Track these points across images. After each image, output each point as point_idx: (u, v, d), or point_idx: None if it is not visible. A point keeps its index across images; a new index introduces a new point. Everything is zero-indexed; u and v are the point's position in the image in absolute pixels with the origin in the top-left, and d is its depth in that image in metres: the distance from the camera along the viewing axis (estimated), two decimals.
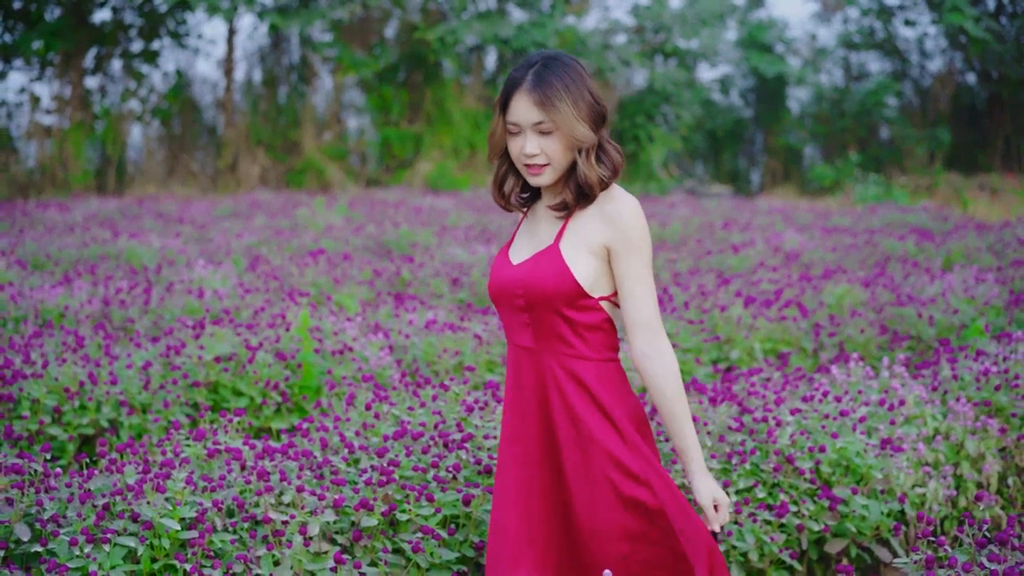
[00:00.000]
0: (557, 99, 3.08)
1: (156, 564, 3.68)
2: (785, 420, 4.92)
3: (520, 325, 3.21)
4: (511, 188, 3.33)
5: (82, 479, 3.97)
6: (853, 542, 4.80)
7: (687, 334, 7.63)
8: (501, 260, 3.32)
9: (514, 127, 3.15)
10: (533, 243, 3.26)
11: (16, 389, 5.48)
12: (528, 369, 3.22)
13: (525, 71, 3.14)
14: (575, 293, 3.11)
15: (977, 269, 10.14)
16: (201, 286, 8.69)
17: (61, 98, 23.88)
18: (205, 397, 6.04)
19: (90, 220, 15.17)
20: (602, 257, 3.13)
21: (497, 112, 3.20)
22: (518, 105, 3.12)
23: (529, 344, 3.20)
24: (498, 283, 3.26)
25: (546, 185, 3.20)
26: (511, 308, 3.22)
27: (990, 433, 5.43)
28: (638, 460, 3.13)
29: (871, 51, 29.59)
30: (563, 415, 3.17)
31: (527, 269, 3.17)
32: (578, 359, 3.15)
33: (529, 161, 3.14)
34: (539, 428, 3.21)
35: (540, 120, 3.09)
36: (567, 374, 3.16)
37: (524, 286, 3.15)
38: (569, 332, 3.14)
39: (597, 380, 3.16)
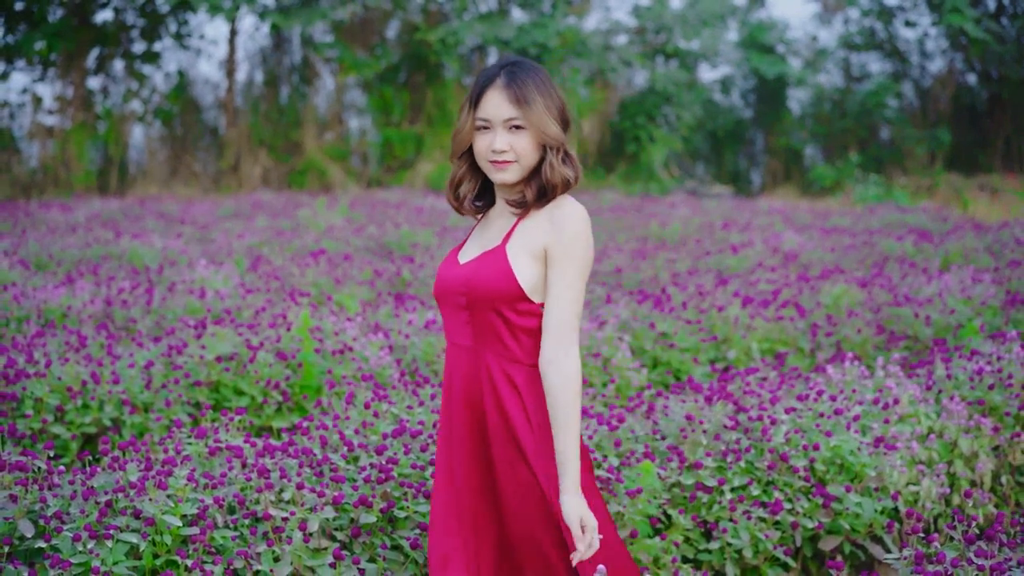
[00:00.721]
0: (531, 97, 3.12)
1: (158, 560, 3.74)
2: (780, 419, 4.97)
3: (460, 324, 3.20)
4: (467, 191, 3.32)
5: (85, 476, 4.03)
6: (847, 539, 4.85)
7: (685, 334, 7.69)
8: (449, 260, 3.32)
9: (484, 123, 3.15)
10: (482, 245, 3.26)
11: (20, 388, 5.54)
12: (465, 368, 3.21)
13: (498, 69, 3.17)
14: (516, 295, 3.11)
15: (974, 269, 10.19)
16: (203, 286, 8.75)
17: (63, 98, 23.95)
18: (207, 396, 6.09)
19: (92, 220, 15.23)
20: (543, 260, 3.13)
21: (467, 109, 3.19)
22: (491, 101, 3.14)
23: (468, 343, 3.20)
24: (443, 281, 3.26)
25: (510, 183, 3.18)
26: (453, 306, 3.22)
27: (983, 432, 5.48)
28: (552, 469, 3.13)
29: (872, 52, 29.63)
30: (496, 415, 3.17)
31: (472, 268, 3.17)
32: (513, 362, 3.16)
33: (497, 157, 3.14)
34: (473, 428, 3.22)
35: (513, 116, 3.11)
36: (502, 375, 3.16)
37: (467, 285, 3.15)
38: (506, 333, 3.15)
39: (529, 385, 3.15)
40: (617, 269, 10.84)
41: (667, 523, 4.73)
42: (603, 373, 6.78)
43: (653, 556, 4.43)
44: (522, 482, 3.15)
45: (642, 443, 4.94)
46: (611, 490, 4.44)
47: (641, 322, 7.78)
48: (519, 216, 3.19)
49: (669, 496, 4.71)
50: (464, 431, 3.22)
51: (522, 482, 3.15)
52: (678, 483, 4.77)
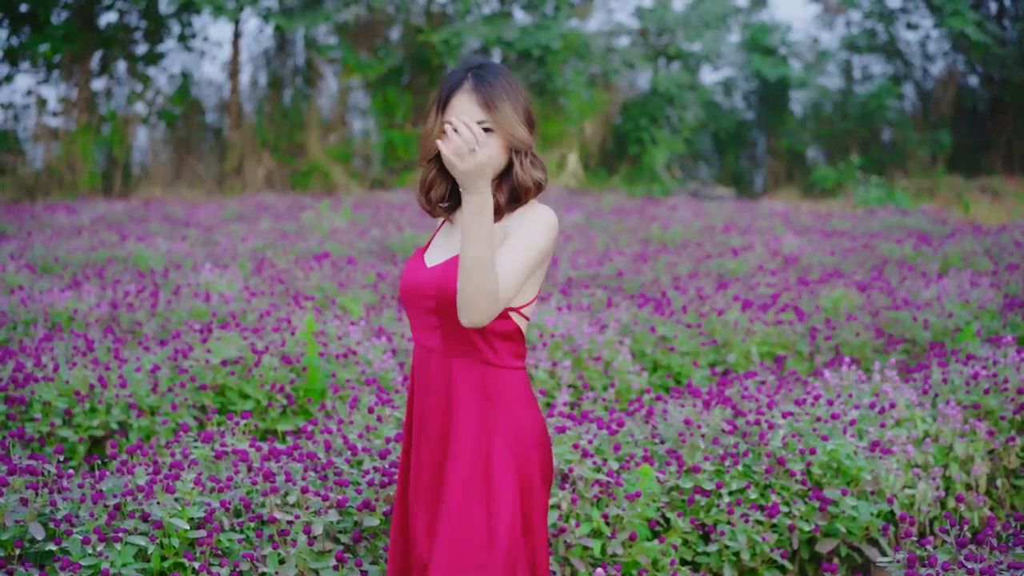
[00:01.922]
0: (499, 100, 3.11)
1: (166, 562, 3.82)
2: (777, 423, 5.04)
3: (429, 327, 3.18)
4: (439, 194, 3.29)
5: (94, 480, 4.10)
6: (843, 542, 4.93)
7: (685, 338, 7.76)
8: (415, 262, 3.29)
9: None
10: (450, 248, 3.22)
11: (28, 392, 5.61)
12: (434, 371, 3.19)
13: (464, 72, 3.15)
14: None
15: (972, 273, 10.26)
16: (208, 290, 8.82)
17: (68, 100, 24.02)
18: (212, 400, 6.16)
19: (97, 223, 15.29)
20: None
21: (434, 112, 3.17)
22: (459, 104, 3.11)
23: (436, 346, 3.17)
24: (410, 284, 3.23)
25: None
26: (421, 309, 3.19)
27: (978, 436, 5.56)
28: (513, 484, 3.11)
29: (873, 54, 29.68)
30: (463, 419, 3.14)
31: (442, 271, 3.14)
32: (485, 365, 3.14)
33: None
34: (438, 430, 3.19)
35: (482, 119, 3.09)
36: (472, 378, 3.14)
37: (437, 288, 3.12)
38: (478, 337, 3.12)
39: (501, 387, 3.14)
40: (619, 272, 10.90)
41: (666, 526, 4.80)
42: (604, 376, 6.85)
43: (652, 558, 4.50)
44: (470, 478, 3.10)
45: (641, 447, 5.02)
46: (611, 493, 4.52)
47: (642, 326, 7.85)
48: None
49: (668, 499, 4.78)
50: (434, 433, 3.20)
51: (470, 478, 3.10)
52: (676, 486, 4.85)
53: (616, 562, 4.44)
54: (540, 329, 7.15)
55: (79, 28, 23.65)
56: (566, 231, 15.22)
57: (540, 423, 3.21)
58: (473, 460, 3.11)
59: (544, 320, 7.23)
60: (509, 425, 3.13)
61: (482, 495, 3.09)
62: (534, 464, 3.17)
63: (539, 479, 3.17)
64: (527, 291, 3.15)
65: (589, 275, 10.85)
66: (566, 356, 6.91)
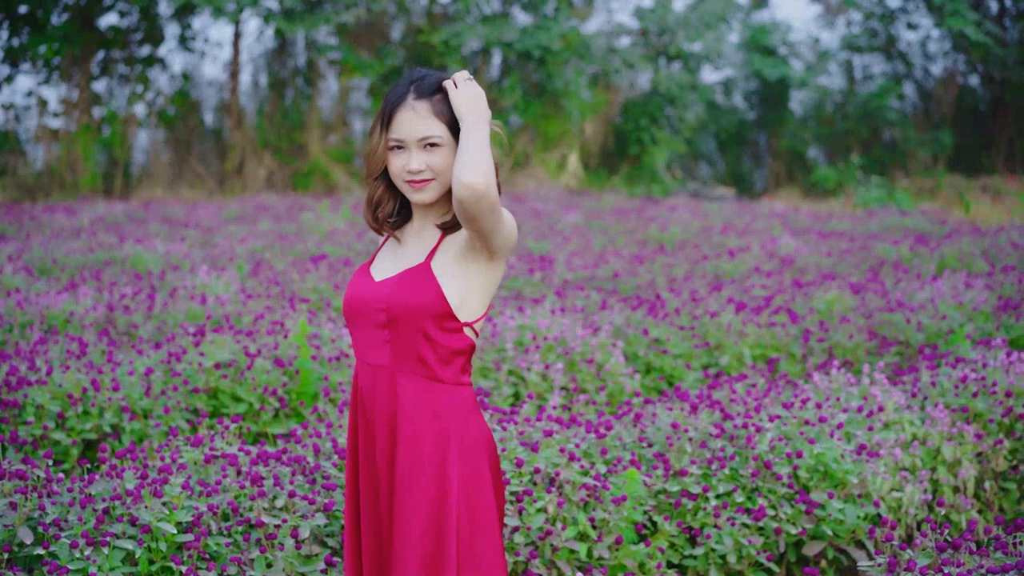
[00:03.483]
0: (445, 112, 3.05)
1: (153, 566, 3.85)
2: (765, 427, 5.07)
3: (378, 342, 3.10)
4: (387, 211, 3.23)
5: (83, 484, 4.13)
6: (830, 545, 4.96)
7: (678, 340, 7.79)
8: (361, 277, 3.21)
9: (398, 143, 3.08)
10: (399, 262, 3.16)
11: (21, 395, 5.65)
12: (381, 389, 3.11)
13: (407, 86, 3.08)
14: (443, 312, 3.04)
15: (967, 274, 10.28)
16: (204, 292, 8.85)
17: (69, 101, 24.07)
18: (205, 403, 6.20)
19: (96, 224, 15.33)
20: (467, 260, 3.08)
21: (379, 129, 3.11)
22: (403, 120, 3.06)
23: (385, 362, 3.10)
24: (357, 298, 3.16)
25: (428, 202, 3.12)
26: (370, 324, 3.12)
27: (966, 439, 5.58)
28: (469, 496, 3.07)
29: (874, 54, 29.69)
30: (408, 436, 3.07)
31: (392, 285, 3.08)
32: (435, 381, 3.08)
33: (414, 177, 3.07)
34: (385, 448, 3.12)
35: (428, 134, 3.05)
36: (421, 396, 3.08)
37: (389, 301, 3.05)
38: (430, 353, 3.06)
39: (451, 404, 3.08)
40: (615, 274, 10.93)
41: (652, 529, 4.83)
42: (596, 379, 6.88)
43: (638, 562, 4.53)
44: (418, 501, 3.05)
45: (629, 451, 5.05)
46: (597, 497, 4.54)
47: (635, 328, 7.88)
48: (445, 233, 3.13)
49: (655, 503, 4.81)
50: (383, 451, 3.13)
51: (418, 501, 3.05)
52: (663, 490, 4.87)
53: (602, 565, 4.46)
54: (533, 332, 7.18)
55: (79, 29, 23.68)
56: (564, 232, 15.25)
57: (489, 437, 3.17)
58: (426, 480, 3.05)
59: (537, 323, 7.26)
60: (461, 442, 3.08)
61: (437, 514, 3.04)
62: (486, 481, 3.12)
63: (491, 495, 3.12)
64: (477, 306, 3.11)
65: (585, 277, 10.88)
66: (559, 359, 6.94)
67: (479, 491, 3.09)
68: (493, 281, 3.14)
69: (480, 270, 3.09)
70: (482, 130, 2.96)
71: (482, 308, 3.13)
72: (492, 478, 3.14)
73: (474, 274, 3.09)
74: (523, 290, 10.09)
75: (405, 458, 3.07)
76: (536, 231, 15.15)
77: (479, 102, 3.00)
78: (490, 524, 3.11)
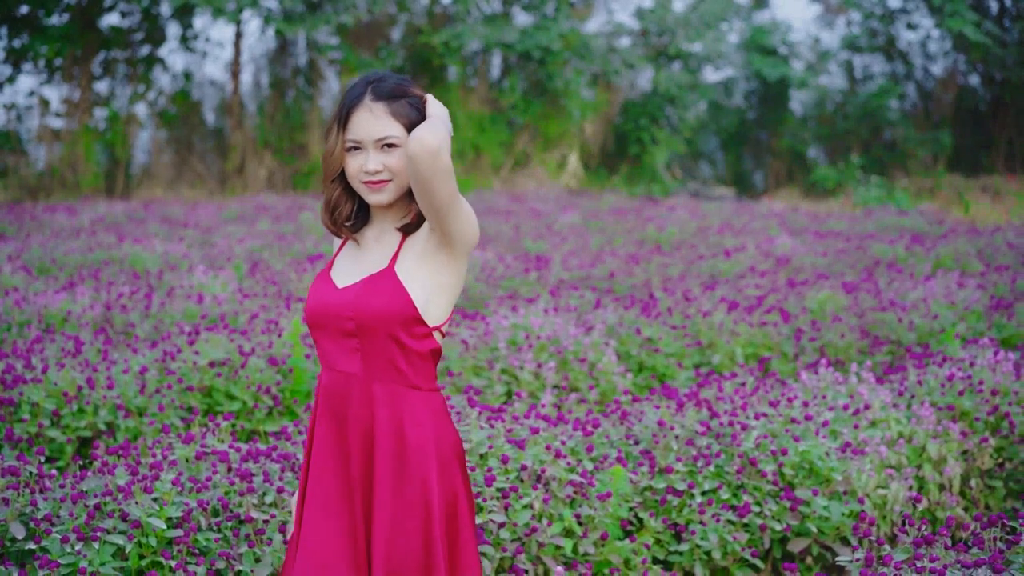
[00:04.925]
0: (400, 110, 3.04)
1: (143, 561, 3.91)
2: (751, 424, 5.13)
3: (348, 351, 3.05)
4: (344, 214, 3.17)
5: (75, 480, 4.20)
6: (815, 541, 5.01)
7: (670, 339, 7.84)
8: (322, 283, 3.16)
9: (355, 144, 3.05)
10: (360, 267, 3.12)
11: (17, 393, 5.70)
12: (354, 397, 3.06)
13: (364, 87, 3.06)
14: (411, 318, 3.00)
15: (960, 274, 10.33)
16: (201, 291, 8.91)
17: (70, 101, 24.15)
18: (199, 401, 6.25)
19: (96, 224, 15.40)
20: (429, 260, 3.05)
21: (335, 131, 3.08)
22: (360, 121, 3.03)
23: (356, 371, 3.05)
24: (321, 306, 3.10)
25: (386, 203, 3.08)
26: (337, 332, 3.06)
27: (952, 436, 5.64)
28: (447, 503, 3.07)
29: (875, 54, 29.73)
30: (389, 445, 3.03)
31: (357, 291, 3.04)
32: (410, 388, 3.05)
33: (371, 178, 3.04)
34: (360, 458, 3.07)
35: (386, 135, 3.02)
36: (399, 403, 3.04)
37: (355, 308, 3.01)
38: (402, 359, 3.03)
39: (426, 410, 3.06)
40: (611, 274, 10.99)
41: (638, 525, 4.89)
42: (589, 378, 6.93)
43: (624, 557, 4.59)
44: (406, 509, 3.01)
45: (616, 448, 5.11)
46: (583, 493, 4.60)
47: (628, 327, 7.93)
48: (405, 235, 3.11)
49: (641, 499, 4.87)
50: (358, 463, 3.06)
51: (406, 509, 3.01)
52: (650, 487, 4.93)
53: (588, 561, 4.52)
54: (526, 331, 7.24)
55: (81, 30, 23.77)
56: (561, 232, 15.31)
57: (459, 441, 3.16)
58: (411, 489, 3.02)
59: (531, 322, 7.31)
60: (438, 449, 3.05)
61: (420, 521, 3.02)
62: (459, 484, 3.11)
63: (464, 497, 3.12)
64: (443, 309, 3.10)
65: (581, 276, 10.94)
66: (551, 358, 6.99)
67: (455, 496, 3.10)
68: (456, 282, 3.11)
69: (442, 268, 3.06)
70: (442, 119, 2.96)
71: (447, 311, 3.11)
72: (463, 482, 3.14)
73: (436, 274, 3.05)
74: (519, 289, 10.15)
75: (387, 468, 3.03)
76: (534, 231, 15.21)
77: (444, 115, 3.02)
78: (466, 526, 3.12)
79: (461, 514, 3.10)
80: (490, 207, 19.33)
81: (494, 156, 26.49)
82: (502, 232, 15.01)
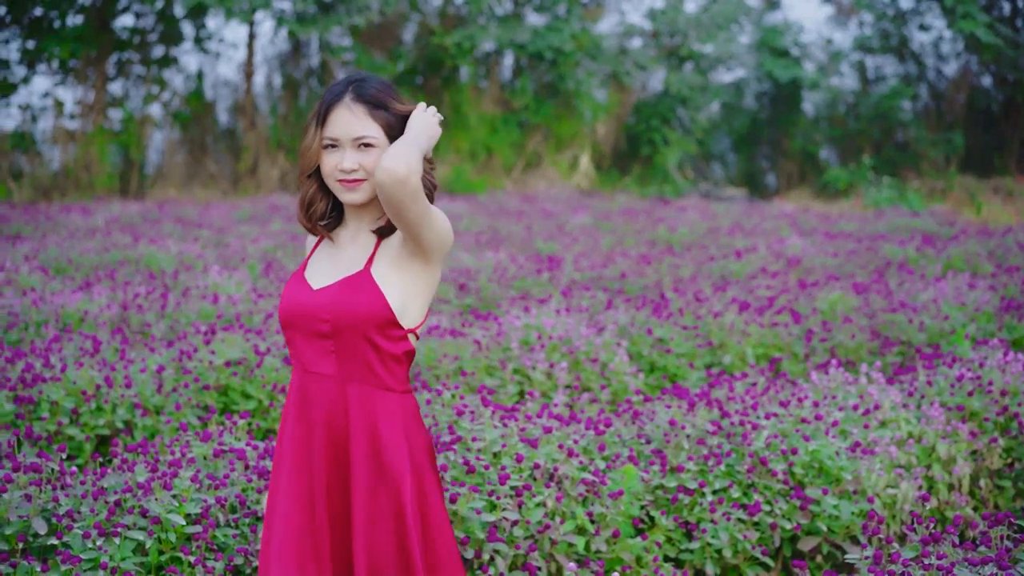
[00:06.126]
0: (379, 111, 3.06)
1: (163, 556, 3.98)
2: (761, 424, 5.18)
3: (322, 352, 3.06)
4: (320, 210, 3.20)
5: (95, 477, 4.27)
6: (825, 540, 5.06)
7: (681, 339, 7.89)
8: (297, 284, 3.17)
9: (333, 141, 3.07)
10: (336, 269, 3.13)
11: (36, 392, 5.78)
12: (325, 398, 3.08)
13: (344, 86, 3.09)
14: (387, 320, 3.02)
15: (971, 275, 10.36)
16: (216, 291, 8.98)
17: (85, 103, 24.27)
18: (215, 400, 6.33)
19: (111, 224, 15.48)
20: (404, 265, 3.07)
21: (313, 127, 3.11)
22: (338, 119, 3.06)
23: (330, 372, 3.06)
24: (295, 307, 3.11)
25: (359, 202, 3.10)
26: (312, 334, 3.08)
27: (961, 437, 5.68)
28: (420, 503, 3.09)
29: (887, 55, 29.71)
30: (363, 446, 3.05)
31: (333, 293, 3.05)
32: (384, 390, 3.07)
33: (346, 177, 3.06)
34: (329, 459, 3.08)
35: (363, 134, 3.05)
36: (373, 404, 3.06)
37: (331, 311, 3.02)
38: (376, 361, 3.04)
39: (399, 412, 3.08)
40: (622, 275, 11.04)
41: (650, 524, 4.95)
42: (600, 378, 6.99)
43: (635, 555, 4.65)
44: (382, 510, 3.04)
45: (627, 447, 5.17)
46: (596, 492, 4.66)
47: (639, 328, 7.99)
48: (381, 237, 3.12)
49: (652, 498, 4.93)
50: (323, 463, 3.09)
51: (382, 510, 3.04)
52: (661, 485, 4.99)
53: (600, 558, 4.58)
54: (539, 331, 7.30)
55: (95, 31, 23.88)
56: (573, 232, 15.36)
57: (431, 445, 3.20)
58: (386, 490, 3.04)
59: (543, 322, 7.37)
60: (410, 450, 3.08)
61: (395, 523, 3.04)
62: (432, 485, 3.14)
63: (437, 498, 3.15)
64: (417, 312, 3.12)
65: (592, 277, 10.99)
66: (563, 358, 7.05)
67: (428, 497, 3.12)
68: (431, 285, 3.14)
69: (417, 275, 3.08)
70: (419, 137, 2.98)
71: (422, 314, 3.13)
72: (436, 484, 3.16)
73: (412, 279, 3.08)
74: (531, 290, 10.21)
75: (364, 470, 3.05)
76: (545, 231, 15.26)
77: (430, 127, 3.06)
78: (442, 526, 3.14)
79: (435, 514, 3.13)
80: (502, 208, 19.39)
81: (506, 157, 26.54)
82: (514, 233, 15.06)
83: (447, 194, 23.14)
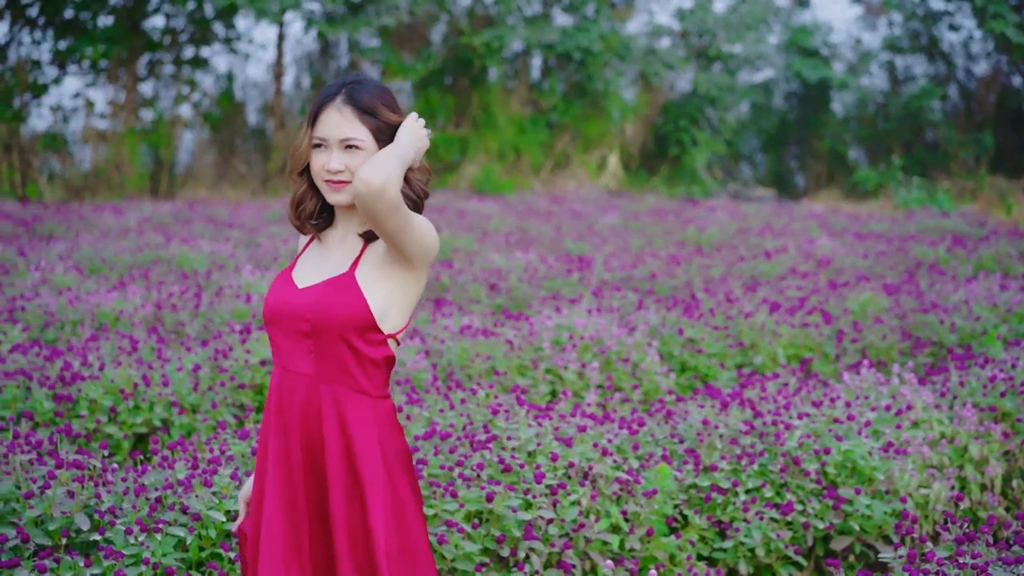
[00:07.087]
0: (368, 117, 3.07)
1: (203, 552, 4.04)
2: (794, 424, 5.20)
3: (302, 351, 3.07)
4: (310, 209, 3.20)
5: (137, 474, 4.34)
6: (858, 539, 5.08)
7: (712, 340, 7.91)
8: (283, 282, 3.18)
9: (321, 141, 3.08)
10: (323, 269, 3.14)
11: (75, 390, 5.85)
12: (303, 398, 3.08)
13: (338, 87, 3.10)
14: (367, 323, 3.02)
15: (1001, 276, 10.33)
16: (248, 291, 9.05)
17: (116, 103, 24.44)
18: (251, 398, 6.39)
19: (144, 224, 15.60)
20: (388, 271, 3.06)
21: (305, 126, 3.12)
22: (328, 119, 3.07)
23: (308, 371, 3.07)
24: (280, 305, 3.12)
25: (345, 203, 3.10)
26: (293, 332, 3.08)
27: (993, 437, 5.69)
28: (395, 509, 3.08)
29: (916, 55, 29.58)
30: (337, 447, 3.06)
31: (317, 294, 3.06)
32: (359, 393, 3.06)
33: (332, 177, 3.06)
34: (306, 460, 3.09)
35: (350, 136, 3.05)
36: (345, 406, 3.06)
37: (313, 311, 3.03)
38: (354, 364, 3.04)
39: (371, 415, 3.07)
40: (652, 275, 11.06)
41: (683, 522, 4.98)
42: (632, 378, 7.02)
43: (669, 553, 4.68)
44: (355, 517, 3.05)
45: (661, 446, 5.20)
46: (630, 491, 4.69)
47: (670, 328, 8.01)
48: (368, 241, 3.13)
49: (685, 497, 4.96)
50: (300, 464, 3.10)
51: (355, 517, 3.05)
52: (694, 484, 5.02)
53: (634, 556, 4.62)
54: (570, 331, 7.33)
55: (126, 32, 24.05)
56: (602, 233, 15.38)
57: (407, 451, 3.19)
58: (356, 492, 3.05)
59: (574, 322, 7.41)
60: (383, 454, 3.07)
61: (364, 527, 3.04)
62: (407, 491, 3.13)
63: (413, 504, 3.14)
64: (399, 318, 3.11)
65: (622, 277, 11.02)
66: (595, 358, 7.08)
67: (404, 504, 3.11)
68: (415, 292, 3.14)
69: (401, 280, 3.08)
70: (404, 149, 3.00)
71: (403, 319, 3.13)
72: (412, 490, 3.16)
73: (395, 285, 3.08)
74: (561, 290, 10.24)
75: (339, 472, 3.06)
76: (575, 232, 15.29)
77: (419, 139, 3.08)
78: (417, 533, 3.14)
79: (410, 521, 3.11)
80: (530, 208, 19.42)
81: (534, 157, 26.57)
82: (543, 233, 15.09)
83: (475, 194, 23.20)
